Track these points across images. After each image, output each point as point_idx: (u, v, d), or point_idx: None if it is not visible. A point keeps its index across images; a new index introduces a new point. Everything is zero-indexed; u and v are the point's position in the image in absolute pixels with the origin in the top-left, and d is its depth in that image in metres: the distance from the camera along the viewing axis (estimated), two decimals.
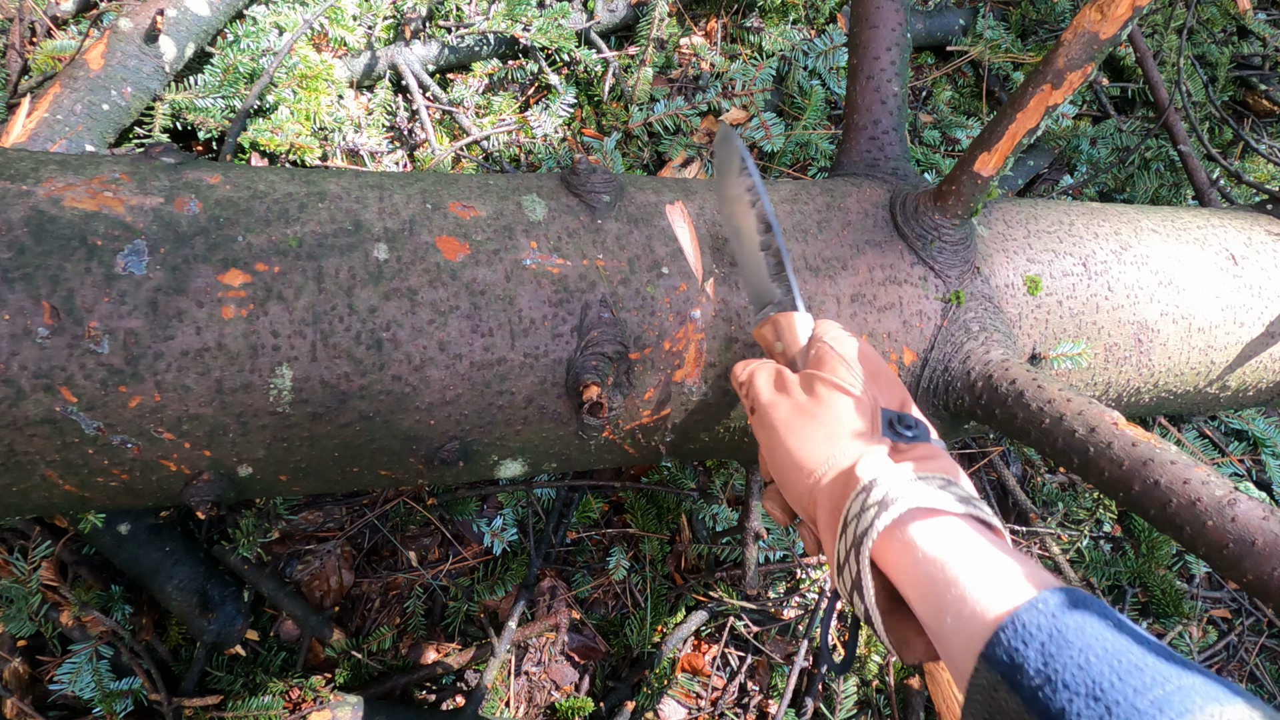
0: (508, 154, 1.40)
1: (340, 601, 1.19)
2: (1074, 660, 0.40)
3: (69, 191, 0.63)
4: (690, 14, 1.58)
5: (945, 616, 0.48)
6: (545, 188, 0.79)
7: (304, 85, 1.25)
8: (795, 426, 0.62)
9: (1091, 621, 0.42)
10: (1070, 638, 0.41)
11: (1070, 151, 1.66)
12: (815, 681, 1.23)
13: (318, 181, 0.73)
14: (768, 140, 1.45)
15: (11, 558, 1.02)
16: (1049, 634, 0.42)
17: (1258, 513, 0.61)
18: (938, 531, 0.51)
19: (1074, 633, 0.41)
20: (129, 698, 1.03)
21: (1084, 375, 0.95)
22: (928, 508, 0.51)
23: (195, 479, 0.69)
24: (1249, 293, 1.00)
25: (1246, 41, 1.79)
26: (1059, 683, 0.40)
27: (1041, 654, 0.41)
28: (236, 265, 0.64)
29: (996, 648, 0.43)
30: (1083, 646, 0.41)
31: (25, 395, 0.59)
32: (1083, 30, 0.69)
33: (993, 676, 0.43)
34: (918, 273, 0.85)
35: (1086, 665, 0.40)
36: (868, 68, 0.97)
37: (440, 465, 0.75)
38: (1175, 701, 0.37)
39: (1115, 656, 0.40)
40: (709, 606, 1.25)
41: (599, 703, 1.20)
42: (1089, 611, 0.43)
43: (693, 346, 0.77)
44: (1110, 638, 0.41)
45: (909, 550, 0.50)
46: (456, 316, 0.69)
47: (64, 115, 1.05)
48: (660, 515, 1.28)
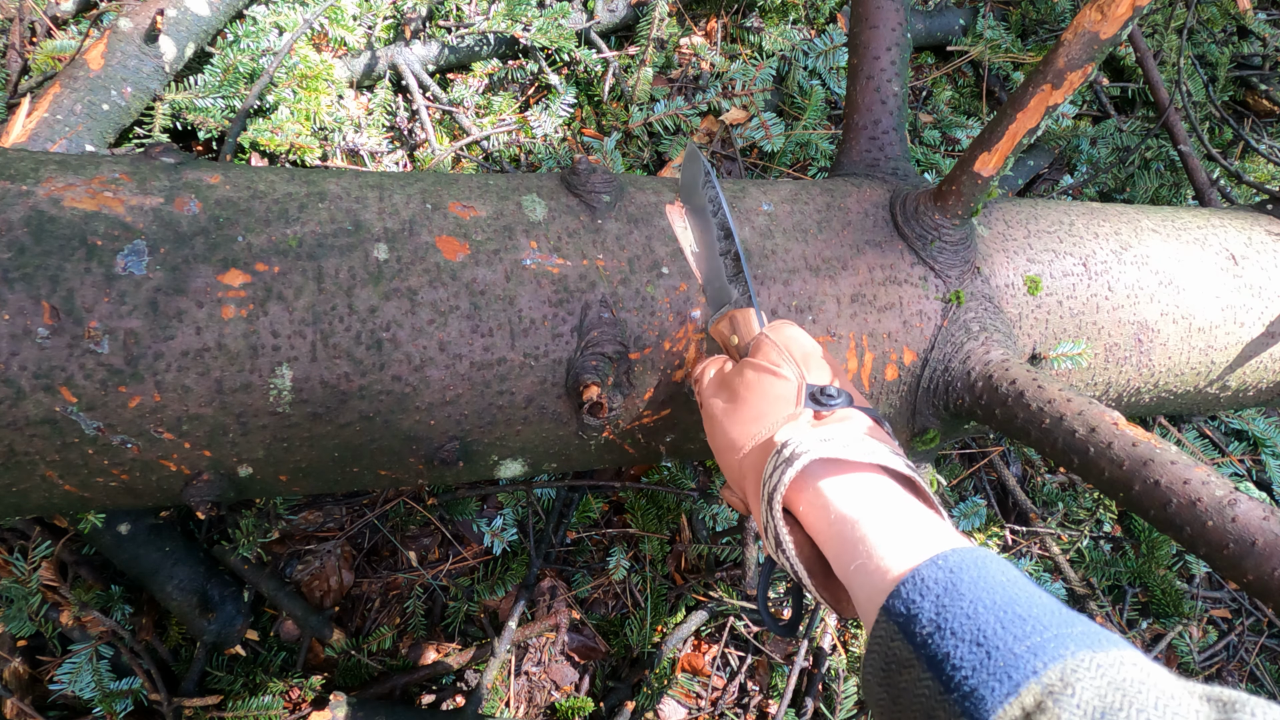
0: (508, 154, 1.40)
1: (340, 601, 1.19)
2: (964, 611, 0.42)
3: (69, 191, 0.63)
4: (690, 14, 1.58)
5: (851, 569, 0.50)
6: (545, 188, 0.79)
7: (304, 85, 1.25)
8: (728, 410, 0.66)
9: (987, 576, 0.44)
10: (963, 590, 0.43)
11: (1070, 151, 1.66)
12: (815, 681, 1.23)
13: (317, 181, 0.73)
14: (768, 140, 1.45)
15: (11, 558, 1.02)
16: (944, 587, 0.44)
17: (1258, 513, 0.61)
18: (848, 488, 0.53)
19: (968, 586, 0.43)
20: (129, 698, 1.03)
21: (1084, 375, 0.95)
22: (835, 458, 0.54)
23: (195, 479, 0.69)
24: (1249, 293, 1.00)
25: (1247, 41, 1.79)
26: (947, 630, 0.42)
27: (935, 605, 0.43)
28: (236, 265, 0.64)
29: (895, 600, 0.45)
30: (974, 599, 0.42)
31: (25, 395, 0.59)
32: (1083, 30, 0.69)
33: (890, 628, 0.45)
34: (918, 273, 0.85)
35: (974, 615, 0.42)
36: (868, 68, 0.97)
37: (440, 465, 0.75)
38: (1050, 647, 0.38)
39: (1002, 608, 0.41)
40: (709, 606, 1.25)
41: (599, 703, 1.20)
42: (987, 568, 0.44)
43: (693, 346, 0.77)
44: (1002, 592, 0.43)
45: (823, 508, 0.53)
46: (456, 317, 0.69)
47: (64, 115, 1.05)
48: (660, 515, 1.28)
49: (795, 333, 0.69)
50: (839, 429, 0.58)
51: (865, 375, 0.84)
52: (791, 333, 0.68)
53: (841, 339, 0.82)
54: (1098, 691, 0.36)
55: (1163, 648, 1.36)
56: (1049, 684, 0.37)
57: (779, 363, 0.65)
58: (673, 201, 0.81)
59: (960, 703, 0.39)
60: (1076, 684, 0.36)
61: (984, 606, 0.42)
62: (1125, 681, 0.36)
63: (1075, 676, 0.36)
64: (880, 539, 0.49)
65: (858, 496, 0.53)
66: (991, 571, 0.44)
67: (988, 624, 0.41)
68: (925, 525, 0.51)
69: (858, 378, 0.84)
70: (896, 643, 0.44)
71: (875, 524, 0.50)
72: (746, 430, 0.63)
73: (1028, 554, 1.38)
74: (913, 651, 0.43)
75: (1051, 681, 0.37)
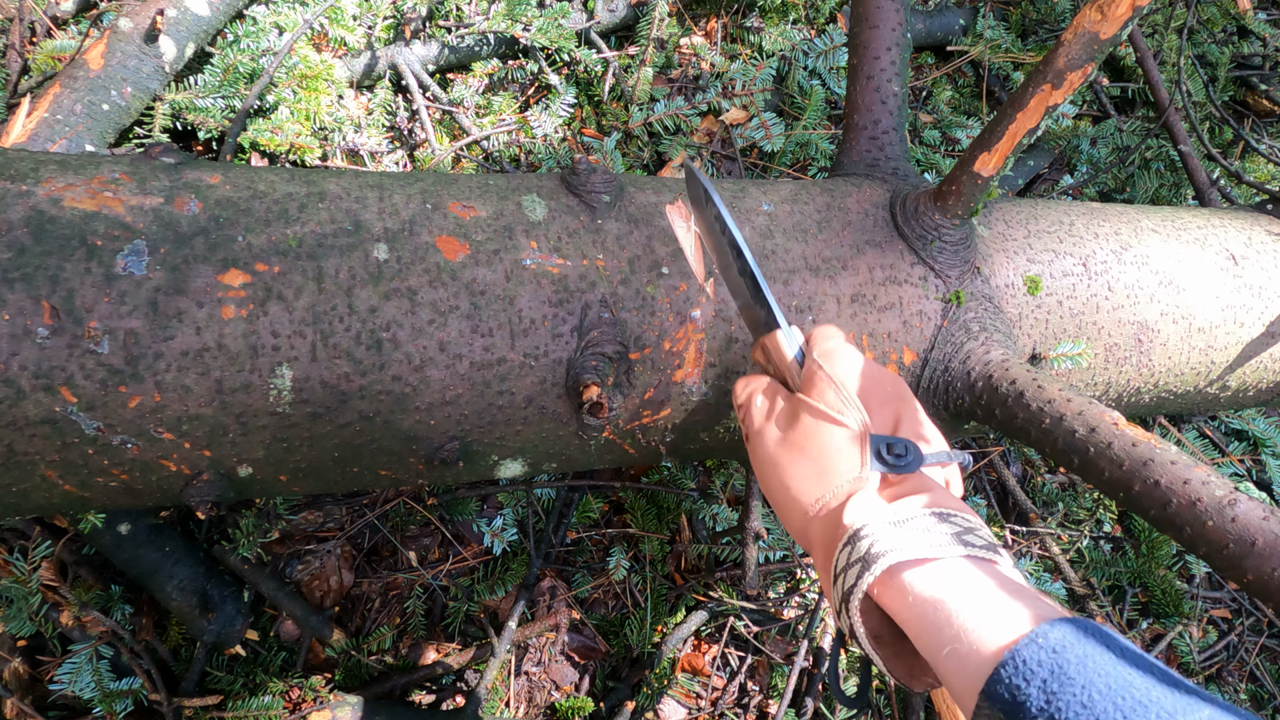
0: (508, 154, 1.40)
1: (340, 601, 1.19)
2: (1076, 699, 0.39)
3: (69, 192, 0.63)
4: (690, 14, 1.58)
5: (943, 654, 0.47)
6: (545, 188, 0.79)
7: (304, 85, 1.25)
8: (784, 461, 0.60)
9: (1095, 655, 0.41)
10: (1072, 674, 0.40)
11: (1070, 151, 1.66)
12: (815, 681, 1.23)
13: (317, 181, 0.73)
14: (768, 140, 1.45)
15: (11, 558, 1.02)
16: (1050, 670, 0.41)
17: (1258, 513, 0.61)
18: (930, 574, 0.50)
19: (1076, 668, 0.40)
20: (129, 698, 1.03)
21: (1084, 375, 0.95)
22: (915, 559, 0.50)
23: (195, 479, 0.69)
24: (1249, 293, 1.00)
25: (1247, 41, 1.79)
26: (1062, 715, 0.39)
27: (1043, 691, 0.40)
28: (236, 265, 0.64)
29: (998, 685, 0.42)
30: (1085, 684, 0.40)
31: (25, 395, 0.59)
32: (1083, 30, 0.69)
33: (995, 714, 0.42)
34: (918, 273, 0.85)
35: (1090, 704, 0.39)
36: (868, 68, 0.97)
37: (440, 465, 0.75)
38: None
39: (1119, 694, 0.39)
40: (709, 606, 1.25)
41: (599, 703, 1.20)
42: (1092, 643, 0.42)
43: (693, 347, 0.77)
44: (1114, 672, 0.40)
45: (902, 594, 0.50)
46: (456, 317, 0.69)
47: (64, 115, 1.05)
48: (660, 515, 1.28)
49: (849, 360, 0.62)
50: (913, 511, 0.53)
51: None
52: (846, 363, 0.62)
53: None
54: None
55: (1163, 648, 1.36)
56: None
57: (839, 407, 0.59)
58: (673, 201, 0.81)
59: None
60: None
61: (1098, 692, 0.39)
62: None
63: None
64: (968, 617, 0.46)
65: (937, 580, 0.50)
66: (1097, 644, 0.41)
67: (1106, 714, 0.38)
68: (1011, 598, 0.47)
69: None
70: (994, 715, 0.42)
71: (963, 604, 0.47)
72: (809, 489, 0.58)
73: (1028, 554, 1.38)
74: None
75: None
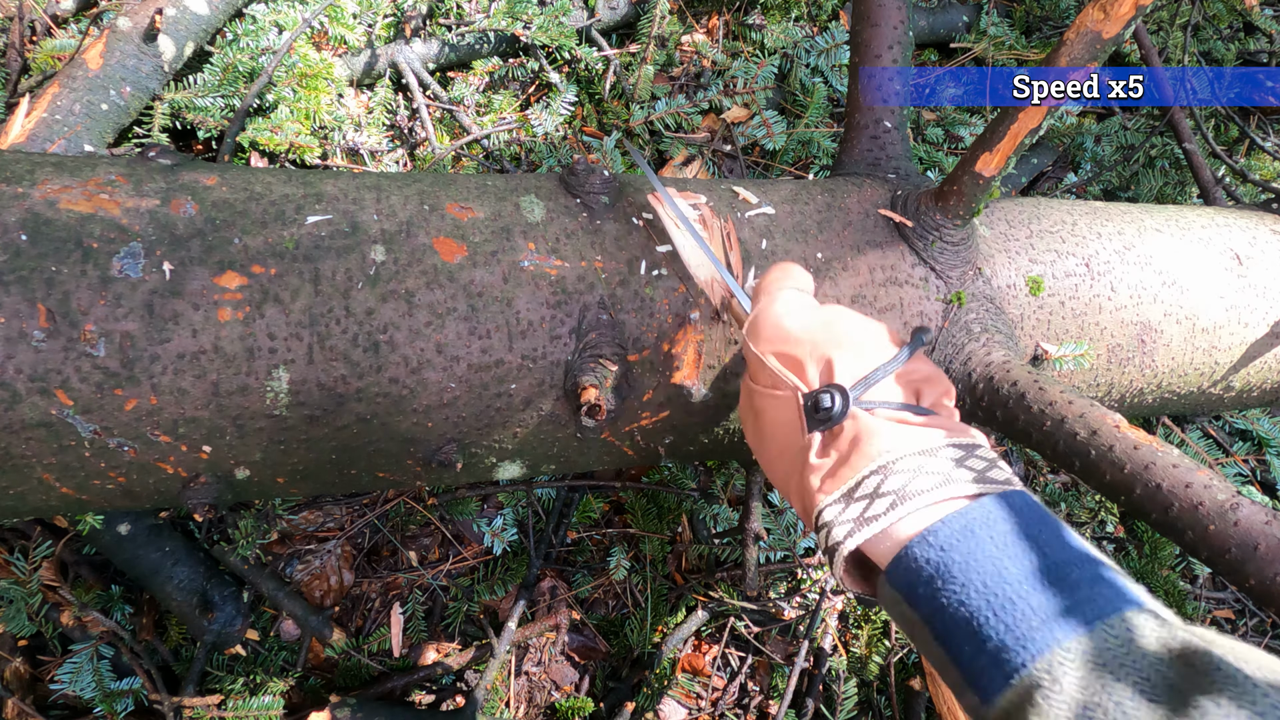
0: (508, 153, 1.39)
1: (340, 601, 1.19)
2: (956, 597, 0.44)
3: (65, 194, 0.63)
4: (692, 11, 1.57)
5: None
6: (544, 188, 0.79)
7: (303, 84, 1.25)
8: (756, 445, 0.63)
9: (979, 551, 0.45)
10: (955, 573, 0.44)
11: (1074, 149, 1.65)
12: (816, 682, 1.22)
13: (314, 183, 0.72)
14: (769, 138, 1.44)
15: (12, 558, 1.02)
16: (936, 568, 0.45)
17: (1260, 517, 0.61)
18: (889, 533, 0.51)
19: (959, 567, 0.44)
20: (129, 698, 1.04)
21: (1086, 376, 0.94)
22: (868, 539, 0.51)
23: (192, 481, 0.68)
24: (1253, 293, 0.99)
25: (1253, 38, 1.77)
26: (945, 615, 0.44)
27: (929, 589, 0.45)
28: (233, 267, 0.64)
29: (894, 573, 0.47)
30: (965, 581, 0.44)
31: (21, 398, 0.59)
32: (1085, 29, 0.68)
33: (895, 595, 0.47)
34: (919, 273, 0.84)
35: (967, 601, 0.43)
36: (870, 66, 0.96)
37: (438, 467, 0.74)
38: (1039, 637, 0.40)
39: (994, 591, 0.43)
40: (709, 607, 1.25)
41: (599, 703, 1.20)
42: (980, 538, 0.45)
43: (691, 348, 0.76)
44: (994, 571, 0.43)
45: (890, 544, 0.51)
46: (454, 319, 0.69)
47: (62, 115, 1.04)
48: (661, 515, 1.28)
49: (771, 325, 0.60)
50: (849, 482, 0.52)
51: None
52: (769, 330, 0.60)
53: None
54: (1080, 682, 0.38)
55: None
56: (1037, 677, 0.39)
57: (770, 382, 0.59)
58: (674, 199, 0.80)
59: (965, 679, 0.43)
60: (1062, 677, 0.38)
61: (975, 591, 0.43)
62: (1106, 665, 0.38)
63: (1062, 669, 0.38)
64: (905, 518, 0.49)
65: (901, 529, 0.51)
66: (984, 544, 0.45)
67: (980, 611, 0.42)
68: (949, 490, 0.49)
69: None
70: (903, 608, 0.47)
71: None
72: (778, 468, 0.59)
73: None
74: (920, 621, 0.45)
75: (1040, 674, 0.39)
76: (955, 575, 0.44)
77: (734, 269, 0.77)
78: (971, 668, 0.42)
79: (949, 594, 0.44)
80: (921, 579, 0.45)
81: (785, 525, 1.27)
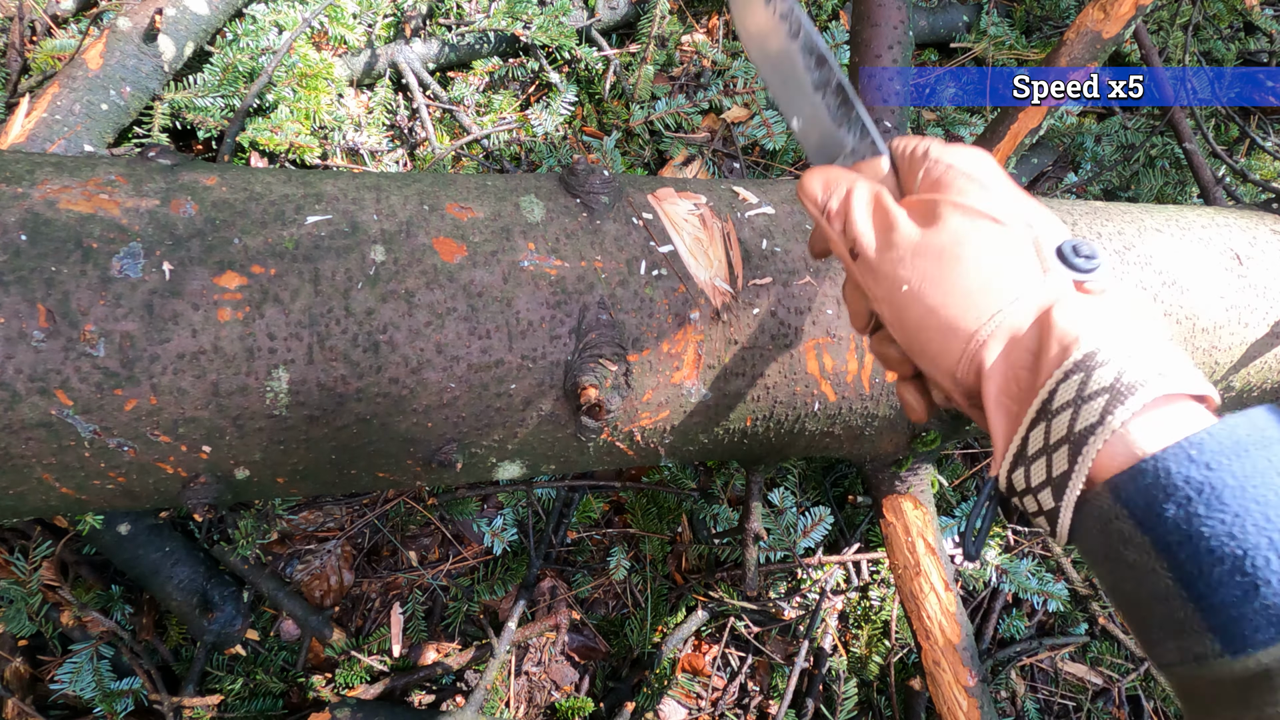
0: (508, 153, 1.39)
1: (340, 601, 1.19)
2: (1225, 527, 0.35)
3: (64, 194, 0.63)
4: (691, 11, 1.57)
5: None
6: (543, 188, 0.79)
7: (303, 84, 1.25)
8: (932, 273, 0.46)
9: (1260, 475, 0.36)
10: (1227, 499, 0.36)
11: (1075, 149, 1.65)
12: (816, 682, 1.22)
13: (314, 183, 0.72)
14: (770, 138, 1.44)
15: (12, 558, 1.02)
16: (1198, 488, 0.36)
17: None
18: (1160, 428, 0.39)
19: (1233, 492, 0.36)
20: (129, 698, 1.04)
21: None
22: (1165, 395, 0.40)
23: (192, 482, 0.68)
24: (1253, 293, 0.99)
25: (1253, 38, 1.77)
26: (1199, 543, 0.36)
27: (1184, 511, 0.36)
28: (233, 268, 0.64)
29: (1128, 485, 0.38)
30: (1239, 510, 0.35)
31: (21, 398, 0.59)
32: (1085, 29, 0.68)
33: (1116, 509, 0.38)
34: None
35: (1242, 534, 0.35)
36: (870, 66, 0.96)
37: (438, 467, 0.74)
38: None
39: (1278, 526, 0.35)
40: (709, 607, 1.25)
41: (599, 703, 1.20)
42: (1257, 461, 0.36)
43: (691, 349, 0.76)
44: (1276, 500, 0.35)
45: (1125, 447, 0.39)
46: (454, 319, 0.69)
47: (62, 115, 1.04)
48: (661, 515, 1.28)
49: (981, 159, 0.49)
50: (1153, 334, 0.42)
51: (865, 377, 0.83)
52: (979, 163, 0.49)
53: (841, 340, 0.81)
54: None
55: None
56: None
57: (991, 204, 0.46)
58: (673, 199, 0.80)
59: (1208, 622, 0.35)
60: None
61: (1254, 525, 0.35)
62: None
63: None
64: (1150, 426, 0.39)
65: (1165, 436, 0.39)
66: (1262, 467, 0.36)
67: (1257, 549, 0.34)
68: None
69: (858, 379, 0.83)
70: (1125, 526, 0.38)
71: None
72: (976, 304, 0.45)
73: (1030, 554, 1.37)
74: (1152, 547, 0.37)
75: None
76: (1227, 502, 0.35)
77: (734, 269, 0.77)
78: (1228, 610, 0.34)
79: (1213, 522, 0.35)
80: (1175, 498, 0.36)
81: (785, 525, 1.27)
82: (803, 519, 1.24)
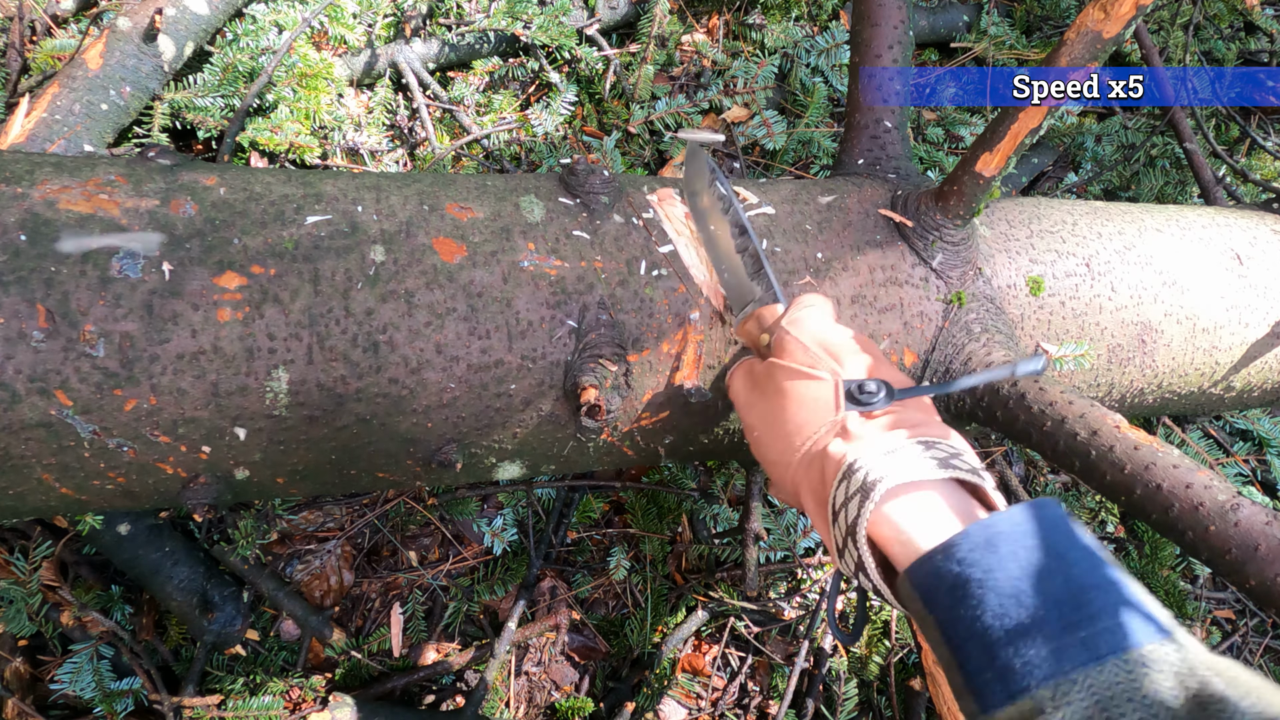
0: (508, 152, 1.39)
1: (340, 601, 1.19)
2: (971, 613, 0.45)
3: (64, 194, 0.63)
4: (692, 11, 1.57)
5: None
6: (543, 188, 0.79)
7: (303, 84, 1.25)
8: (768, 419, 0.63)
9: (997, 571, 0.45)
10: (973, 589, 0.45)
11: (1075, 149, 1.64)
12: (816, 682, 1.22)
13: (314, 183, 0.72)
14: (770, 138, 1.44)
15: (12, 558, 1.02)
16: (955, 579, 0.46)
17: (1261, 518, 0.61)
18: (913, 507, 0.52)
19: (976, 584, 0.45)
20: (129, 698, 1.04)
21: (1087, 376, 0.94)
22: (906, 483, 0.53)
23: (192, 482, 0.68)
24: (1254, 293, 0.99)
25: (1254, 37, 1.77)
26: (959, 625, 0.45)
27: (950, 598, 0.46)
28: (232, 268, 0.64)
29: (915, 576, 0.49)
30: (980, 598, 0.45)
31: (20, 399, 0.59)
32: (1085, 29, 0.68)
33: (915, 596, 0.49)
34: (919, 274, 0.84)
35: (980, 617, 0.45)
36: (870, 66, 0.96)
37: (438, 467, 0.74)
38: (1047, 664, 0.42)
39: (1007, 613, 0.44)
40: (709, 607, 1.25)
41: (599, 703, 1.20)
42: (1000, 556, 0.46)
43: (691, 349, 0.76)
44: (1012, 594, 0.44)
45: (891, 527, 0.53)
46: (454, 319, 0.69)
47: (62, 115, 1.04)
48: (661, 515, 1.28)
49: (818, 321, 0.65)
50: (899, 442, 0.56)
51: None
52: (814, 324, 0.65)
53: None
54: (1083, 714, 0.39)
55: None
56: (1040, 702, 0.40)
57: (808, 362, 0.62)
58: (672, 200, 0.80)
59: (968, 686, 0.45)
60: (1066, 706, 0.40)
61: (991, 613, 0.44)
62: (1113, 699, 0.39)
63: (1065, 698, 0.40)
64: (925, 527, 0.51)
65: (919, 512, 0.53)
66: (1005, 562, 0.45)
67: (993, 630, 0.44)
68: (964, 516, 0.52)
69: None
70: (919, 605, 0.48)
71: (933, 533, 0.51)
72: (789, 443, 0.61)
73: None
74: (934, 622, 0.47)
75: (1043, 700, 0.40)
76: (973, 593, 0.45)
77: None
78: (977, 677, 0.44)
79: (966, 608, 0.45)
80: (943, 588, 0.47)
81: (785, 525, 1.26)
82: (803, 519, 1.24)
